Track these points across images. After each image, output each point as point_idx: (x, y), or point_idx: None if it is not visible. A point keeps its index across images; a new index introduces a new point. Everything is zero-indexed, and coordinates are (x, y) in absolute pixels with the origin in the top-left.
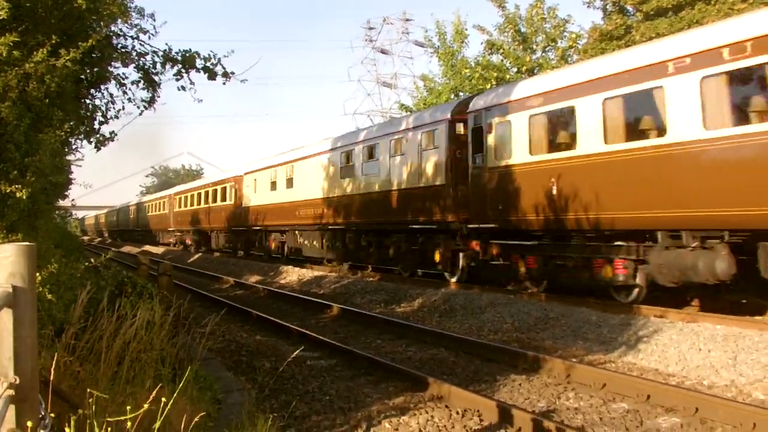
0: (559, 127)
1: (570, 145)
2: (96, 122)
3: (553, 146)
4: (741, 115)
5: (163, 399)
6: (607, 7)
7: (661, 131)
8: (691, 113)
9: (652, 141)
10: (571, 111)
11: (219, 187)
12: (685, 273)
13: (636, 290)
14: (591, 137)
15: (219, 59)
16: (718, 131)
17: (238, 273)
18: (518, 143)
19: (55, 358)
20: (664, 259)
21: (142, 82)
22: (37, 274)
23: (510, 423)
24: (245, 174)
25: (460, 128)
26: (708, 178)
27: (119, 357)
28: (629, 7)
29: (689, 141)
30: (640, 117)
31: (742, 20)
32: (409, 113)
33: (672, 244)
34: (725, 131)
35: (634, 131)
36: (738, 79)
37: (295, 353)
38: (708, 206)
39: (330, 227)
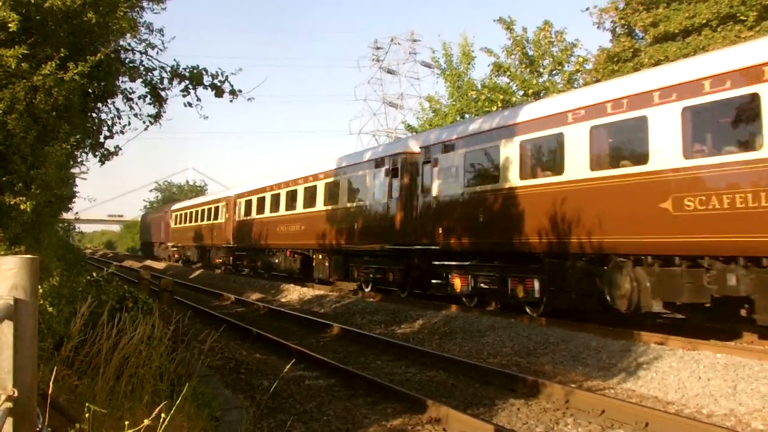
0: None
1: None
2: (102, 136)
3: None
4: None
5: (162, 415)
6: (617, 29)
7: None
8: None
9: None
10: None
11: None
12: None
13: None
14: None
15: (226, 76)
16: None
17: (239, 290)
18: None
19: (54, 371)
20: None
21: (149, 97)
22: (39, 286)
23: None
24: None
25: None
26: None
27: (118, 372)
28: (638, 30)
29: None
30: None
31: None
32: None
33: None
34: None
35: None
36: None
37: (288, 367)
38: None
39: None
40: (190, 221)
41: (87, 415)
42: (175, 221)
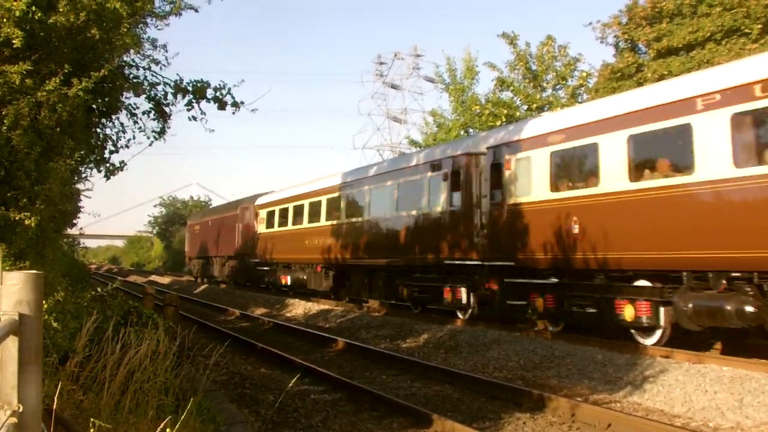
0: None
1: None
2: (106, 151)
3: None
4: None
5: (168, 430)
6: (620, 44)
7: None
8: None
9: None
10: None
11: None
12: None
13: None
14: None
15: (229, 89)
16: None
17: (244, 305)
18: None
19: (59, 386)
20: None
21: (153, 112)
22: (44, 302)
23: None
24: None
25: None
26: None
27: (122, 386)
28: (641, 45)
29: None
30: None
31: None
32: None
33: None
34: None
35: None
36: None
37: (293, 381)
38: None
39: None
40: (314, 219)
41: (92, 430)
42: (267, 223)
